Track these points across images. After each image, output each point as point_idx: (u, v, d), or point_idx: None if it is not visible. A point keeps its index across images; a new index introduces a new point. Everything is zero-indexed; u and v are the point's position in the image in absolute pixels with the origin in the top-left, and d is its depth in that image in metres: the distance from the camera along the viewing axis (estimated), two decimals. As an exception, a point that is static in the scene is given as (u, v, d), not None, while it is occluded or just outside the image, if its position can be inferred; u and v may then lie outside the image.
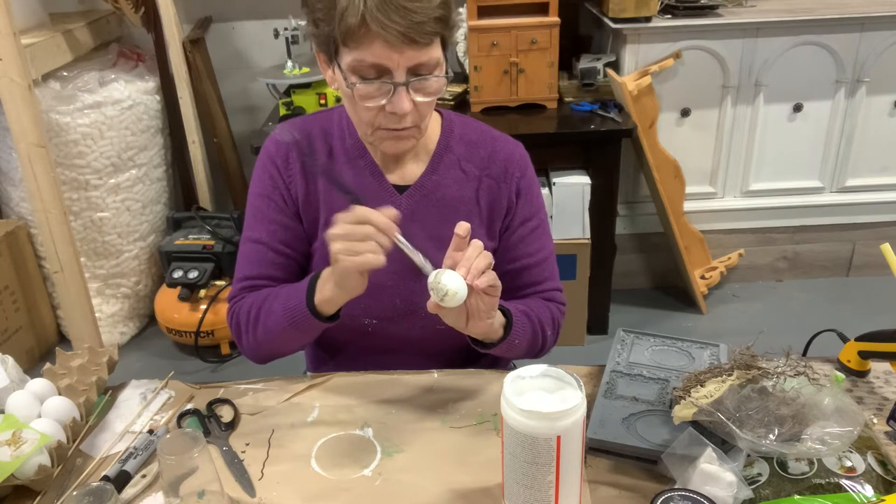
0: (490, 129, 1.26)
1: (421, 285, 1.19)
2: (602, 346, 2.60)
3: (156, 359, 2.69)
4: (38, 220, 2.27)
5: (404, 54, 1.01)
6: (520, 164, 1.24)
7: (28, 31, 2.39)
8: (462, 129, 1.24)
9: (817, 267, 2.96)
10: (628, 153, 2.61)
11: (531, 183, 1.25)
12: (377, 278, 1.19)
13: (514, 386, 0.88)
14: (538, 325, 1.20)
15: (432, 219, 1.20)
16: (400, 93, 1.04)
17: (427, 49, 1.03)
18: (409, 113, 1.06)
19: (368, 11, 0.98)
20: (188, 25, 2.78)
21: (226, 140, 2.85)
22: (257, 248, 1.22)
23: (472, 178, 1.22)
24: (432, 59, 1.05)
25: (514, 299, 1.25)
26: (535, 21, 2.37)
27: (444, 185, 1.21)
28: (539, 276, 1.26)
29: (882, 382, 1.13)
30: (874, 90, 2.65)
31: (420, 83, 1.05)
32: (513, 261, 1.24)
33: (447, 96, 2.54)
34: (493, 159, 1.22)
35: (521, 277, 1.25)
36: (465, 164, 1.22)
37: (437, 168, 1.21)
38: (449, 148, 1.22)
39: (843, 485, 0.85)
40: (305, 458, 1.05)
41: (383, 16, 0.97)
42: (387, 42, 1.00)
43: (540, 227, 1.26)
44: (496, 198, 1.22)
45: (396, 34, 0.98)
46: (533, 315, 1.19)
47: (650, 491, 0.91)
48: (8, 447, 0.99)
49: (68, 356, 1.23)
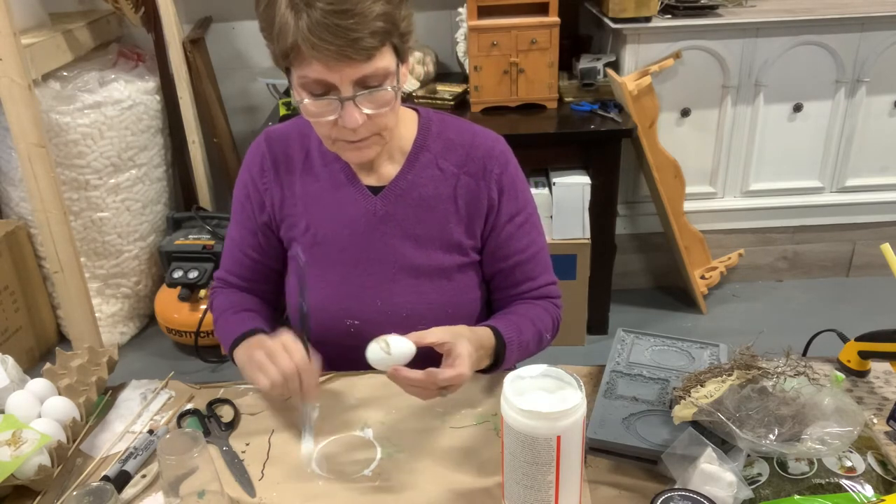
0: (470, 126, 1.24)
1: (400, 286, 1.21)
2: (602, 346, 2.60)
3: (156, 359, 2.69)
4: (38, 220, 2.27)
5: (344, 71, 1.00)
6: (499, 160, 1.21)
7: (28, 31, 2.39)
8: (440, 128, 1.22)
9: (817, 267, 2.96)
10: (628, 153, 2.61)
11: (514, 178, 1.22)
12: (358, 280, 1.20)
13: (514, 386, 0.88)
14: (536, 336, 1.21)
15: (409, 219, 1.20)
16: (347, 107, 1.02)
17: (371, 62, 1.00)
18: (363, 125, 1.05)
19: (301, 32, 0.97)
20: (188, 25, 2.78)
21: (226, 140, 2.85)
22: (231, 246, 1.29)
23: (450, 176, 1.20)
24: (378, 70, 1.02)
25: (511, 299, 1.26)
26: (535, 21, 2.37)
27: (420, 184, 1.20)
28: (532, 271, 1.25)
29: (882, 382, 1.13)
30: (874, 90, 2.65)
31: (368, 96, 1.03)
32: (504, 259, 1.24)
33: (447, 96, 2.54)
34: (471, 156, 1.20)
35: (514, 275, 1.25)
36: (441, 162, 1.20)
37: (413, 167, 1.20)
38: (425, 147, 1.21)
39: (843, 485, 0.85)
40: (306, 458, 1.05)
41: (315, 37, 0.96)
42: (322, 61, 0.98)
43: (528, 222, 1.24)
44: (475, 196, 1.20)
45: (331, 54, 0.97)
46: (531, 328, 1.19)
47: (650, 491, 0.91)
48: (8, 447, 0.99)
49: (68, 356, 1.23)
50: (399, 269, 1.20)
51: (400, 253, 1.20)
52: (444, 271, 1.21)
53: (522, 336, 1.16)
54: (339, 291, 1.21)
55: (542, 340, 1.23)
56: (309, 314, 1.07)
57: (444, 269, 1.21)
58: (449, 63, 2.87)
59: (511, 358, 1.14)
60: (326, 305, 1.21)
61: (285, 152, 1.23)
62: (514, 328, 1.15)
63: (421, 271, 1.20)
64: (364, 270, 1.20)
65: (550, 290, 1.27)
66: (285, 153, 1.23)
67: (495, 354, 1.12)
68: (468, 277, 1.24)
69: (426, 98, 2.56)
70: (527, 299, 1.26)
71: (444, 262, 1.21)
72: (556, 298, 1.28)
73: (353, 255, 1.20)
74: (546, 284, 1.27)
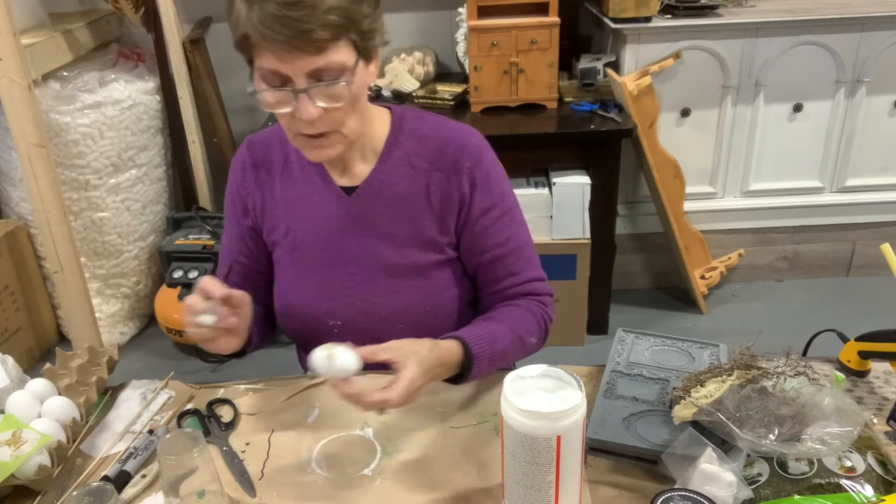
0: (445, 122, 1.22)
1: (378, 286, 1.21)
2: (602, 346, 2.60)
3: (156, 359, 2.69)
4: (38, 220, 2.27)
5: (296, 63, 0.99)
6: (471, 154, 1.19)
7: (28, 31, 2.39)
8: (413, 125, 1.21)
9: (817, 267, 2.96)
10: (628, 153, 2.61)
11: (489, 172, 1.20)
12: (338, 281, 1.20)
13: (514, 386, 0.88)
14: (516, 342, 1.16)
15: (382, 218, 1.19)
16: (301, 100, 1.02)
17: (323, 55, 1.00)
18: (320, 119, 1.04)
19: (252, 23, 0.98)
20: (188, 25, 2.78)
21: (226, 140, 2.85)
22: (224, 253, 1.31)
23: (422, 173, 1.19)
24: (332, 63, 1.01)
25: (495, 296, 1.23)
26: (535, 21, 2.37)
27: (392, 182, 1.19)
28: (514, 266, 1.22)
29: (882, 382, 1.13)
30: (874, 90, 2.65)
31: (322, 90, 1.02)
32: (482, 253, 1.21)
33: (447, 96, 2.54)
34: (443, 152, 1.18)
35: (494, 270, 1.22)
36: (414, 159, 1.19)
37: (385, 166, 1.19)
38: (397, 145, 1.20)
39: (843, 485, 0.85)
40: (305, 458, 1.05)
41: (265, 27, 0.96)
42: (273, 52, 0.99)
43: (507, 216, 1.21)
44: (447, 192, 1.19)
45: (280, 44, 0.97)
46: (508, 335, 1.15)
47: (650, 491, 0.91)
48: (8, 447, 0.99)
49: (68, 356, 1.23)
50: (376, 269, 1.20)
51: (375, 253, 1.19)
52: (420, 269, 1.20)
53: (496, 345, 1.12)
54: (321, 294, 1.21)
55: (524, 345, 1.18)
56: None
57: (420, 267, 1.20)
58: (449, 63, 2.87)
59: (481, 370, 1.10)
60: (309, 307, 1.22)
61: (266, 157, 1.24)
62: (487, 338, 1.11)
63: (397, 270, 1.20)
64: (343, 271, 1.21)
65: (536, 286, 1.23)
66: (266, 158, 1.24)
67: (462, 367, 1.08)
68: (445, 275, 1.22)
69: (426, 98, 2.56)
70: (511, 297, 1.22)
71: (419, 261, 1.20)
72: (544, 296, 1.24)
73: (332, 256, 1.20)
74: (531, 280, 1.23)
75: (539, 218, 2.40)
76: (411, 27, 2.84)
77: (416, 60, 2.70)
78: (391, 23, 3.12)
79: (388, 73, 2.69)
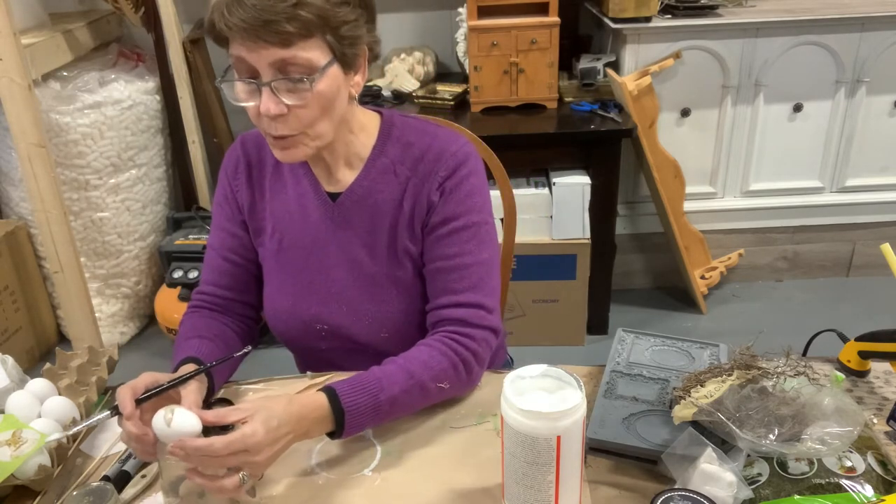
0: (434, 129, 1.19)
1: (362, 293, 1.19)
2: (602, 346, 2.60)
3: (156, 359, 2.69)
4: (38, 220, 2.27)
5: (260, 53, 0.99)
6: (448, 163, 1.14)
7: (28, 31, 2.39)
8: (401, 132, 1.18)
9: (817, 267, 2.96)
10: (628, 153, 2.61)
11: (462, 182, 1.14)
12: (323, 286, 1.20)
13: (514, 386, 0.88)
14: (416, 389, 1.06)
15: (364, 226, 1.18)
16: (265, 93, 1.01)
17: (289, 49, 0.99)
18: (283, 119, 1.02)
19: (219, 9, 0.99)
20: (188, 25, 2.78)
21: (226, 140, 2.85)
22: (210, 255, 1.26)
23: (403, 181, 1.16)
24: (299, 59, 0.99)
25: (431, 314, 1.16)
26: (535, 21, 2.37)
27: (376, 190, 1.17)
28: (455, 283, 1.13)
29: (882, 382, 1.13)
30: (874, 90, 2.65)
31: (285, 84, 1.01)
32: (429, 262, 1.16)
33: (447, 96, 2.54)
34: (424, 159, 1.15)
35: (434, 283, 1.15)
36: (398, 167, 1.17)
37: (370, 174, 1.17)
38: (383, 152, 1.17)
39: (843, 485, 0.85)
40: (305, 458, 1.05)
41: (228, 13, 0.97)
42: (240, 41, 0.99)
43: (467, 231, 1.13)
44: (418, 199, 1.15)
45: (242, 31, 0.97)
46: (405, 381, 1.05)
47: (650, 491, 0.91)
48: (8, 447, 0.99)
49: (68, 356, 1.23)
50: (359, 275, 1.19)
51: (357, 261, 1.18)
52: (397, 280, 1.18)
53: (382, 395, 1.02)
54: (307, 298, 1.21)
55: (428, 393, 1.07)
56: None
57: (397, 278, 1.18)
58: (449, 63, 2.87)
59: (361, 423, 1.01)
60: (296, 310, 1.21)
61: (258, 156, 1.23)
62: (371, 388, 1.02)
63: (377, 280, 1.18)
64: (328, 276, 1.20)
65: (473, 314, 1.11)
66: (258, 157, 1.23)
67: (336, 422, 1.00)
68: (424, 286, 1.19)
69: (426, 98, 2.56)
70: (442, 322, 1.13)
71: (396, 271, 1.18)
72: (477, 328, 1.11)
73: (317, 261, 1.20)
74: (470, 305, 1.11)
75: (539, 218, 2.40)
76: (411, 27, 2.84)
77: (416, 60, 2.70)
78: (391, 23, 3.13)
79: (388, 73, 2.69)
